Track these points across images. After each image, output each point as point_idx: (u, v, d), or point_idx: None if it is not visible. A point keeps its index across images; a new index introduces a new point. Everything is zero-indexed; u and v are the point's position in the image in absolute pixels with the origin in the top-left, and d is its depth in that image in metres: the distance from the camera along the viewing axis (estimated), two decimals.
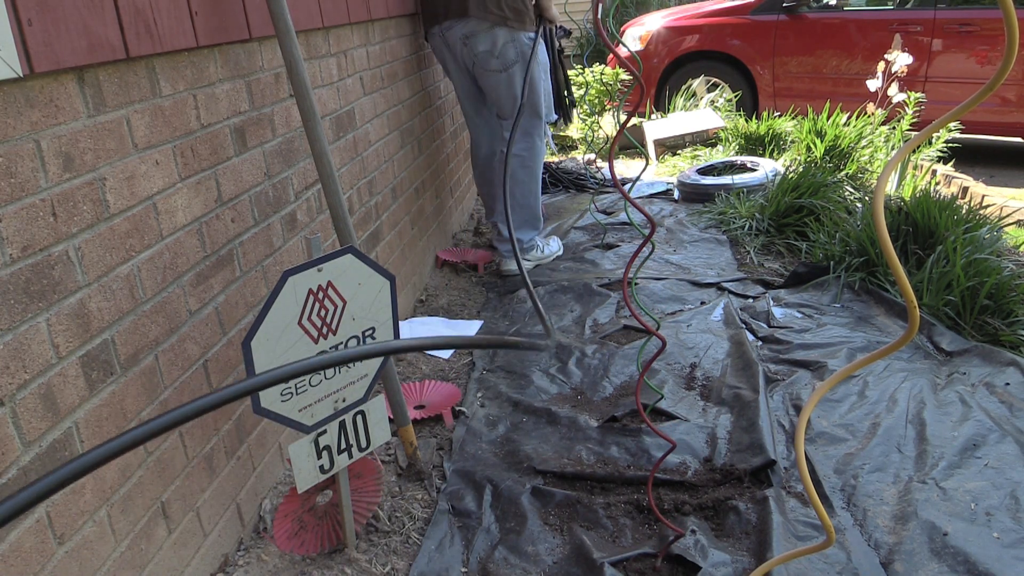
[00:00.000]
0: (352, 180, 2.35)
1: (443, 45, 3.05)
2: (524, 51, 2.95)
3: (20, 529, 1.05)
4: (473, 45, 2.92)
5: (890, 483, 1.75)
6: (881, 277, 2.77)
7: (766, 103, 5.93)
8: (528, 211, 3.23)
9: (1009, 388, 2.05)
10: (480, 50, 2.93)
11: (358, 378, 1.52)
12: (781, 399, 2.14)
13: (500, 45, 2.90)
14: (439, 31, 3.00)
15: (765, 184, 3.90)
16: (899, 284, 0.87)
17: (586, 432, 2.02)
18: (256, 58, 1.76)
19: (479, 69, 3.00)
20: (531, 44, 2.97)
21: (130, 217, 1.30)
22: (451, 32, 2.95)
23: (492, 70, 2.96)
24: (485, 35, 2.89)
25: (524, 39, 2.95)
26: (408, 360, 2.51)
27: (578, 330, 2.66)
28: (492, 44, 2.90)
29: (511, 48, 2.92)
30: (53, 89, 1.13)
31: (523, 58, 2.95)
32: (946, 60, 5.32)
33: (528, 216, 3.23)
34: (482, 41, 2.91)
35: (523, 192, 3.18)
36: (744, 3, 5.94)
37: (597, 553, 1.57)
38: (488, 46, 2.91)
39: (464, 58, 3.00)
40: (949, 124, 2.24)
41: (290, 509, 1.63)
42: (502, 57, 2.92)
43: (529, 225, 3.26)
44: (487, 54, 2.93)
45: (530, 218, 3.24)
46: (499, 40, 2.89)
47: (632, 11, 9.97)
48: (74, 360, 1.16)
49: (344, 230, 1.70)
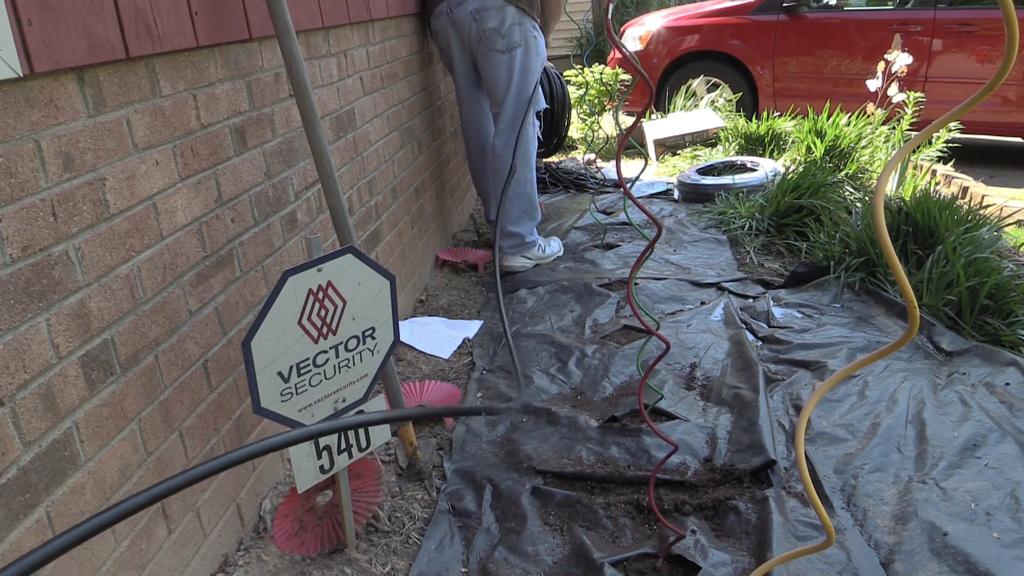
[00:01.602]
0: (352, 180, 2.35)
1: (448, 24, 3.09)
2: (528, 37, 3.01)
3: (20, 529, 1.05)
4: (483, 20, 2.98)
5: (890, 483, 1.75)
6: (881, 277, 2.76)
7: (766, 103, 5.93)
8: (525, 200, 3.20)
9: (1009, 388, 2.05)
10: (488, 26, 2.99)
11: (358, 378, 1.52)
12: (781, 399, 2.14)
13: (508, 24, 2.97)
14: (447, 7, 3.05)
15: (765, 184, 3.90)
16: (899, 284, 0.87)
17: (586, 432, 2.02)
18: (256, 58, 1.76)
19: (483, 48, 3.05)
20: (535, 33, 3.04)
21: (130, 217, 1.30)
22: (461, 8, 3.01)
23: (495, 49, 3.02)
24: (496, 12, 2.97)
25: (530, 26, 3.02)
26: (408, 360, 2.51)
27: (578, 330, 2.66)
28: (501, 22, 2.98)
29: (517, 30, 2.99)
30: (53, 89, 1.13)
31: (525, 44, 3.01)
32: (946, 60, 5.32)
33: (526, 206, 3.21)
34: (492, 17, 2.97)
35: (519, 181, 3.17)
36: (744, 3, 5.94)
37: (597, 553, 1.57)
38: (497, 23, 2.98)
39: (470, 36, 3.05)
40: (949, 124, 2.24)
41: (290, 509, 1.63)
42: (508, 37, 2.99)
43: (527, 216, 3.23)
44: (494, 32, 2.99)
45: (528, 207, 3.22)
46: (507, 19, 2.97)
47: (632, 11, 9.97)
48: (74, 360, 1.16)
49: (344, 230, 1.70)
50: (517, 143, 3.11)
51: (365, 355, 1.51)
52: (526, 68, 3.06)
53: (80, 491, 1.17)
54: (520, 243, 3.24)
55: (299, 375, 1.39)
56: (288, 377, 1.37)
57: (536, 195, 3.27)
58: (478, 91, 3.31)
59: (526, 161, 3.18)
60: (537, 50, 3.09)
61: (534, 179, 3.25)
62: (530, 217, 3.25)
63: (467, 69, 3.21)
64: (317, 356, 1.41)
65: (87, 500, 1.18)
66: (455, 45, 3.13)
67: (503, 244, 3.24)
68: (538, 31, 3.10)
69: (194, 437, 1.48)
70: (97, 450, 1.21)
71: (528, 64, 3.06)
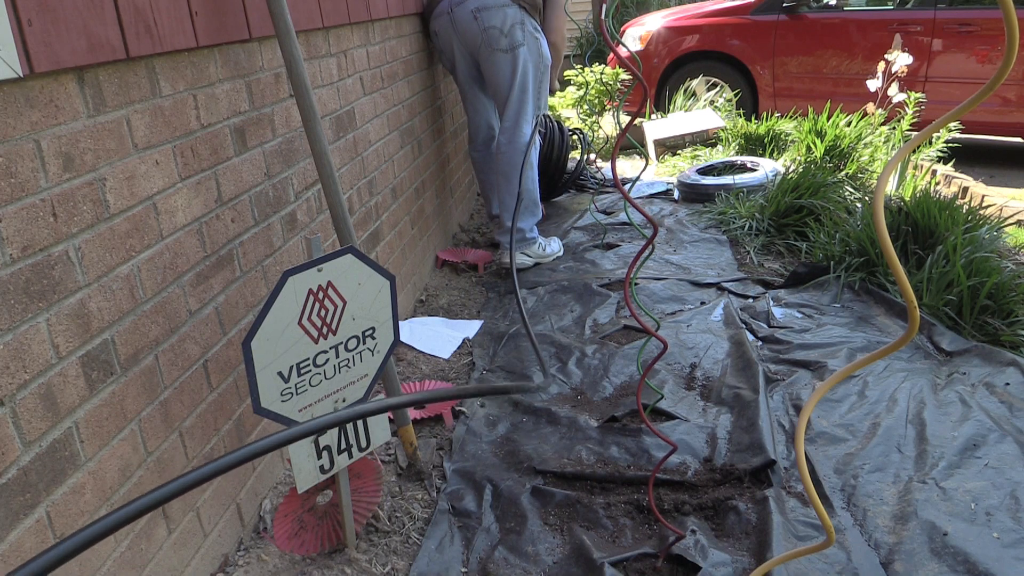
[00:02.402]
0: (352, 180, 2.35)
1: (449, 24, 3.10)
2: (529, 37, 3.02)
3: (20, 529, 1.05)
4: (484, 19, 2.99)
5: (890, 483, 1.75)
6: (881, 277, 2.76)
7: (766, 103, 5.93)
8: (526, 197, 3.21)
9: (1009, 388, 2.05)
10: (489, 24, 3.00)
11: (358, 378, 1.52)
12: (781, 399, 2.14)
13: (509, 23, 2.98)
14: (447, 7, 3.06)
15: (765, 184, 3.90)
16: (899, 284, 0.87)
17: (586, 432, 2.02)
18: (256, 58, 1.76)
19: (484, 48, 3.06)
20: (537, 34, 3.05)
21: (130, 217, 1.30)
22: (462, 7, 3.02)
23: (498, 48, 3.03)
24: (497, 10, 2.98)
25: (531, 26, 3.02)
26: (408, 360, 2.51)
27: (578, 330, 2.66)
28: (503, 21, 2.98)
29: (519, 30, 2.99)
30: (53, 89, 1.13)
31: (527, 43, 3.02)
32: (946, 60, 5.32)
33: (527, 202, 3.22)
34: (494, 16, 2.98)
35: (523, 178, 3.17)
36: (744, 3, 5.94)
37: (597, 553, 1.57)
38: (499, 22, 2.99)
39: (471, 36, 3.06)
40: (949, 124, 2.24)
41: (290, 509, 1.63)
42: (510, 36, 3.00)
43: (528, 212, 3.24)
44: (496, 31, 3.00)
45: (529, 204, 3.22)
46: (509, 18, 2.98)
47: (632, 11, 9.97)
48: (74, 360, 1.16)
49: (344, 230, 1.70)
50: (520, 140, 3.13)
51: (365, 355, 1.51)
52: (528, 66, 3.07)
53: (80, 491, 1.17)
54: (521, 239, 3.24)
55: (299, 375, 1.39)
56: (288, 377, 1.37)
57: (537, 193, 3.28)
58: (480, 90, 3.33)
59: (529, 161, 3.18)
60: (540, 50, 3.10)
61: (535, 177, 3.26)
62: (531, 214, 3.26)
63: (469, 68, 3.23)
64: (317, 356, 1.41)
65: (87, 500, 1.18)
66: (456, 45, 3.14)
67: (502, 240, 3.25)
68: (540, 32, 3.10)
69: (194, 437, 1.48)
70: (97, 450, 1.21)
71: (530, 62, 3.07)
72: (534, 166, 3.25)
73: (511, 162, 3.13)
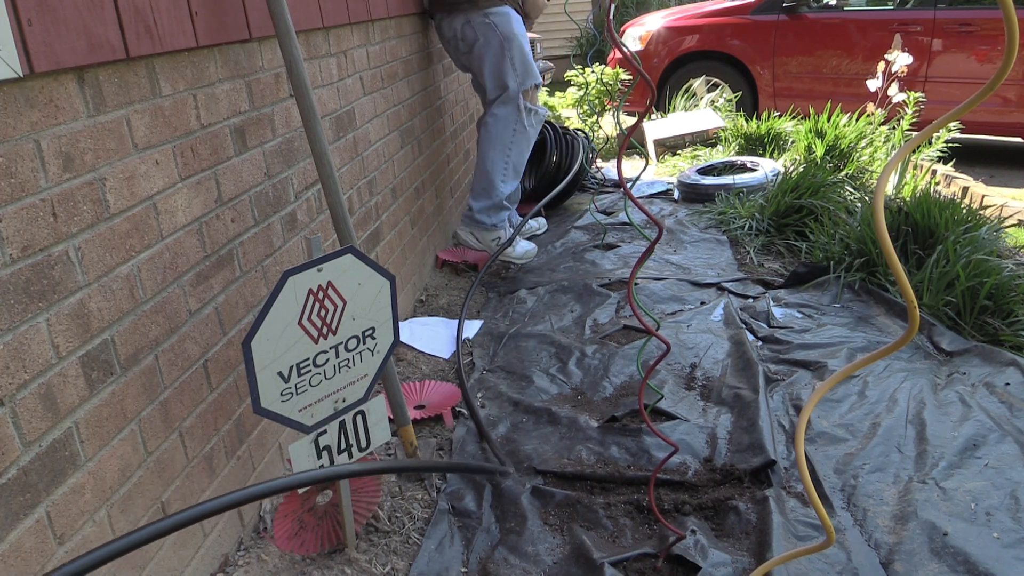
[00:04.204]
0: (352, 180, 2.35)
1: (441, 38, 3.26)
2: (485, 29, 3.04)
3: (20, 529, 1.05)
4: (465, 37, 3.10)
5: (890, 483, 1.75)
6: (881, 277, 2.76)
7: (766, 103, 5.93)
8: (484, 179, 3.12)
9: (1009, 388, 2.05)
10: (447, 36, 3.15)
11: (358, 378, 1.52)
12: (781, 399, 2.14)
13: (459, 28, 3.08)
14: (436, 23, 3.21)
15: (765, 184, 3.90)
16: (899, 284, 0.87)
17: (586, 432, 2.02)
18: (256, 58, 1.76)
19: (455, 56, 3.23)
20: (489, 21, 3.02)
21: (130, 217, 1.30)
22: (448, 27, 3.15)
23: (462, 52, 3.16)
24: (448, 23, 3.11)
25: (479, 19, 3.03)
26: (408, 360, 2.51)
27: (578, 330, 2.66)
28: (453, 31, 3.10)
29: (468, 30, 3.06)
30: (53, 89, 1.13)
31: (485, 36, 3.05)
32: (946, 60, 5.32)
33: (485, 184, 3.11)
34: (447, 28, 3.12)
35: (482, 158, 3.13)
36: (744, 3, 5.94)
37: (597, 553, 1.57)
38: (452, 32, 3.11)
39: (458, 51, 3.20)
40: (949, 124, 2.24)
41: (290, 509, 1.63)
42: (465, 39, 3.09)
43: (484, 195, 3.12)
44: (455, 40, 3.13)
45: (486, 186, 3.11)
46: (456, 24, 3.08)
47: (632, 11, 9.98)
48: (74, 360, 1.16)
49: (344, 230, 1.70)
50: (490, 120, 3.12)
51: (365, 355, 1.51)
52: (500, 44, 3.03)
53: (80, 491, 1.17)
54: (470, 218, 3.16)
55: (299, 375, 1.39)
56: (288, 377, 1.37)
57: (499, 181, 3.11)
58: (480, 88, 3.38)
59: (492, 141, 3.10)
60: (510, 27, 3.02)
61: (500, 163, 3.11)
62: (486, 196, 3.12)
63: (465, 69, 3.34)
64: (317, 356, 1.41)
65: (87, 500, 1.18)
66: (451, 54, 3.28)
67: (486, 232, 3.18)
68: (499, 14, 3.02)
69: (194, 437, 1.48)
70: (97, 450, 1.21)
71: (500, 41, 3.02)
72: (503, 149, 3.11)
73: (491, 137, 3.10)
